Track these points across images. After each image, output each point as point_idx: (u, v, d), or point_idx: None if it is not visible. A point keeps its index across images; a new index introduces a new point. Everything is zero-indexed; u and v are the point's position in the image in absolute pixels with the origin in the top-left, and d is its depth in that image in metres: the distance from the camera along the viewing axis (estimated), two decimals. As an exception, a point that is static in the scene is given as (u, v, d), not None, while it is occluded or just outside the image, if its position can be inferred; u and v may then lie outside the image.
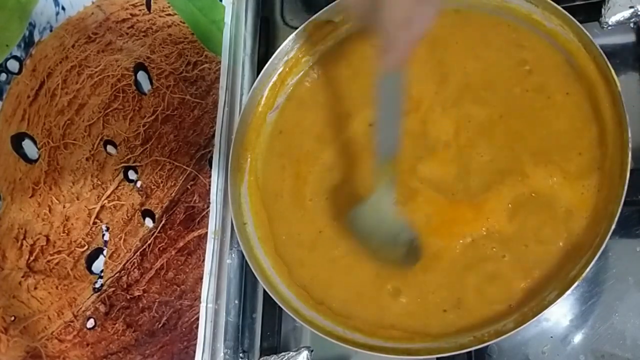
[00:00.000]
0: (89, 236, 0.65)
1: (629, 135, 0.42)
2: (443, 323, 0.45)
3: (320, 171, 0.53)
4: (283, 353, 0.50)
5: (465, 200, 0.47)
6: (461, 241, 0.46)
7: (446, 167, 0.49)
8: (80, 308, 0.63)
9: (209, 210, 0.59)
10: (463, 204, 0.47)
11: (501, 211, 0.46)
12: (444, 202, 0.48)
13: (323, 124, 0.55)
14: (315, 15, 0.56)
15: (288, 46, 0.57)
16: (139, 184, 0.65)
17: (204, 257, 0.57)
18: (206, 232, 0.58)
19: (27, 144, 0.69)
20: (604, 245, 0.40)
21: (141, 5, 0.71)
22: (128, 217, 0.64)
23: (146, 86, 0.68)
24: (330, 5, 0.56)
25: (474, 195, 0.47)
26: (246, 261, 0.52)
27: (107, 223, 0.65)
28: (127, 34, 0.70)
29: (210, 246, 0.57)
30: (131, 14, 0.71)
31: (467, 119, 0.49)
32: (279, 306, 0.49)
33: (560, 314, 0.48)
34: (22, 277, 0.66)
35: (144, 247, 0.63)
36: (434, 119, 0.50)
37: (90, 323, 0.63)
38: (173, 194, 0.64)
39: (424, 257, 0.47)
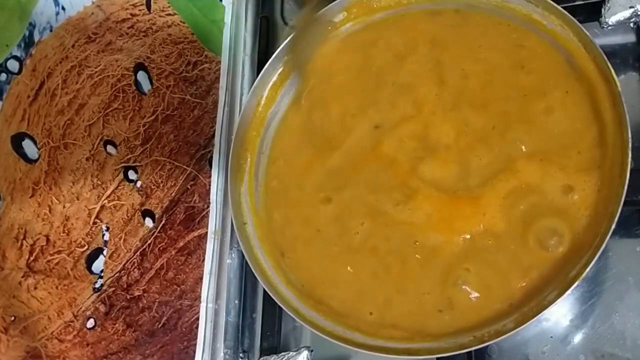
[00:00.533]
0: (89, 236, 0.65)
1: (629, 135, 0.42)
2: (440, 323, 0.45)
3: (322, 172, 0.53)
4: (283, 353, 0.50)
5: (464, 196, 0.47)
6: (459, 238, 0.46)
7: (446, 168, 0.49)
8: (80, 308, 0.63)
9: (209, 210, 0.59)
10: (462, 200, 0.47)
11: (498, 207, 0.46)
12: (444, 200, 0.48)
13: (324, 124, 0.55)
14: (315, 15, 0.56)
15: (288, 46, 0.57)
16: (139, 184, 0.65)
17: (204, 257, 0.57)
18: (206, 232, 0.58)
19: (27, 144, 0.69)
20: (604, 245, 0.40)
21: (141, 5, 0.71)
22: (128, 217, 0.64)
23: (146, 86, 0.68)
24: (330, 5, 0.56)
25: (471, 192, 0.47)
26: (246, 261, 0.52)
27: (107, 223, 0.65)
28: (127, 34, 0.70)
29: (210, 246, 0.57)
30: (131, 14, 0.71)
31: (465, 122, 0.49)
32: (279, 306, 0.49)
33: (560, 314, 0.48)
34: (22, 277, 0.66)
35: (144, 247, 0.63)
36: (435, 123, 0.50)
37: (90, 323, 0.63)
38: (173, 194, 0.64)
39: (422, 257, 0.47)
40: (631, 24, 0.49)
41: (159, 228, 0.63)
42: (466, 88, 0.50)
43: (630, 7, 0.47)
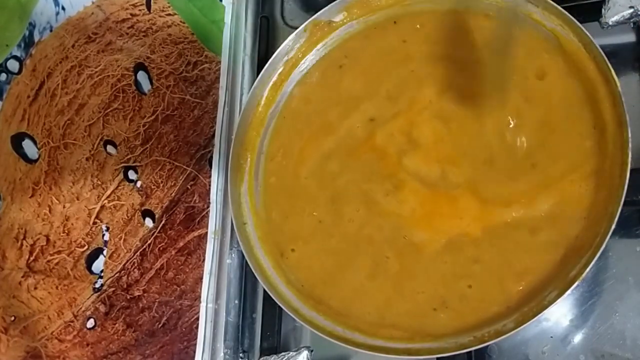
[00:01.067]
0: (89, 236, 0.65)
1: (629, 135, 0.42)
2: (436, 322, 0.45)
3: (317, 157, 0.53)
4: (283, 353, 0.50)
5: (444, 194, 0.48)
6: (440, 237, 0.47)
7: (428, 164, 0.49)
8: (80, 308, 0.63)
9: (209, 210, 0.59)
10: (442, 197, 0.47)
11: (476, 215, 0.46)
12: (427, 195, 0.48)
13: (322, 122, 0.55)
14: (315, 15, 0.56)
15: (288, 46, 0.57)
16: (139, 184, 0.65)
17: (204, 257, 0.57)
18: (206, 232, 0.58)
19: (27, 144, 0.69)
20: (604, 245, 0.40)
21: (141, 5, 0.71)
22: (128, 217, 0.64)
23: (146, 86, 0.68)
24: (330, 5, 0.56)
25: (451, 191, 0.47)
26: (246, 261, 0.52)
27: (107, 223, 0.65)
28: (127, 34, 0.70)
29: (210, 246, 0.57)
30: (131, 14, 0.71)
31: (448, 130, 0.49)
32: (279, 306, 0.49)
33: (560, 314, 0.48)
34: (22, 277, 0.66)
35: (144, 247, 0.63)
36: (419, 122, 0.51)
37: (90, 323, 0.63)
38: (173, 194, 0.64)
39: (411, 253, 0.47)
40: (631, 24, 0.49)
41: (159, 228, 0.63)
42: (461, 96, 0.50)
43: (630, 7, 0.47)
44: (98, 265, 0.64)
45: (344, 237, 0.50)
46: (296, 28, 0.57)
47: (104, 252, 0.64)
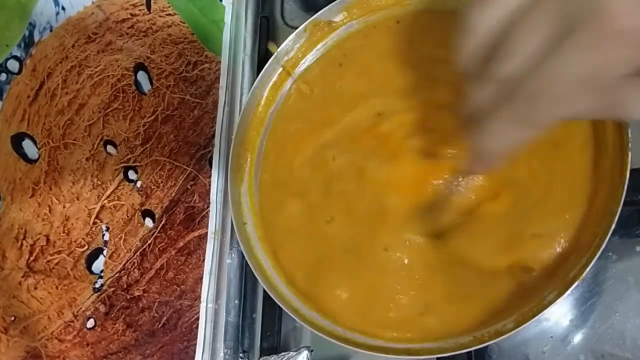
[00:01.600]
0: (89, 236, 0.65)
1: (629, 135, 0.42)
2: (424, 326, 0.45)
3: (315, 147, 0.53)
4: (283, 353, 0.50)
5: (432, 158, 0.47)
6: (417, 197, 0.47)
7: (429, 137, 0.49)
8: (80, 308, 0.63)
9: (209, 210, 0.59)
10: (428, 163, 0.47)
11: (483, 195, 0.46)
12: (422, 162, 0.48)
13: (322, 121, 0.55)
14: (315, 15, 0.56)
15: (288, 46, 0.57)
16: (139, 184, 0.65)
17: (204, 257, 0.57)
18: (206, 232, 0.58)
19: (27, 144, 0.69)
20: (604, 245, 0.40)
21: (141, 5, 0.71)
22: (128, 217, 0.64)
23: (146, 86, 0.68)
24: (330, 5, 0.56)
25: (437, 154, 0.47)
26: (246, 261, 0.52)
27: (107, 223, 0.65)
28: (127, 34, 0.70)
29: (210, 246, 0.57)
30: (131, 14, 0.71)
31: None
32: (279, 306, 0.49)
33: (560, 314, 0.48)
34: (22, 277, 0.66)
35: (144, 247, 0.63)
36: (433, 115, 0.50)
37: (90, 323, 0.63)
38: (173, 194, 0.64)
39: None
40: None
41: (159, 228, 0.63)
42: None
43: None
44: (98, 265, 0.64)
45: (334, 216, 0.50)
46: (296, 28, 0.57)
47: (104, 252, 0.64)
